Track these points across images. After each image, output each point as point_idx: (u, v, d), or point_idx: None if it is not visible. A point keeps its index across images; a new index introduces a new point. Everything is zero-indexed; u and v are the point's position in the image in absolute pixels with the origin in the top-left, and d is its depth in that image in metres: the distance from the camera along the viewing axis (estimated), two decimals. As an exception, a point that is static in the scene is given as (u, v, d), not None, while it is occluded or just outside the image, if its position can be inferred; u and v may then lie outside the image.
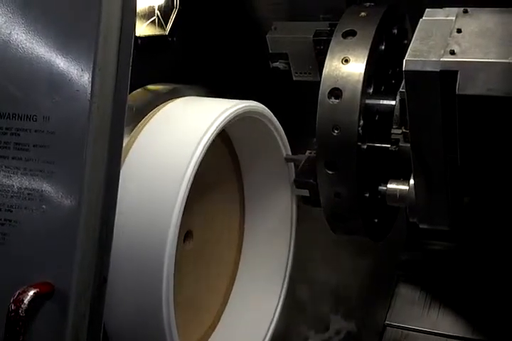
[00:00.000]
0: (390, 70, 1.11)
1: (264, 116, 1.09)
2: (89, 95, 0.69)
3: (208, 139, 0.91)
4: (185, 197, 0.87)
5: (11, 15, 0.72)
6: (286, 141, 1.17)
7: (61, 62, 0.70)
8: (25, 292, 0.65)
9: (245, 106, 1.01)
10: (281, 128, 1.15)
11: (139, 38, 1.02)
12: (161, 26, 1.09)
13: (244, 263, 1.25)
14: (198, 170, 0.89)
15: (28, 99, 0.71)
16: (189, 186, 0.87)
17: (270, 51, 1.23)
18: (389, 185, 1.05)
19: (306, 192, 1.12)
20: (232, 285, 1.24)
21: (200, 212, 1.10)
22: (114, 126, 0.71)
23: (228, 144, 1.19)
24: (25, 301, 0.64)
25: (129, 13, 0.72)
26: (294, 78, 1.25)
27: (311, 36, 1.18)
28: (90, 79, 0.69)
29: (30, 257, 0.69)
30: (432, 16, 0.90)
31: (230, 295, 1.23)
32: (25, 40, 0.72)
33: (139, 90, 1.04)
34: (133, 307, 0.89)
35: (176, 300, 0.89)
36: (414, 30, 0.89)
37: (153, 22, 1.06)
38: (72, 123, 0.69)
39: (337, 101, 1.00)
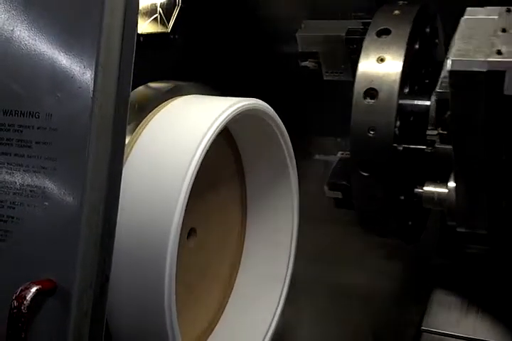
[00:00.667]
0: (423, 70, 1.09)
1: (266, 115, 1.09)
2: (91, 92, 0.69)
3: (210, 137, 0.91)
4: (188, 194, 0.87)
5: (13, 12, 0.72)
6: (289, 139, 1.17)
7: (63, 60, 0.70)
8: (28, 289, 0.65)
9: (248, 104, 1.01)
10: (284, 126, 1.15)
11: (141, 35, 1.02)
12: (163, 24, 1.08)
13: (246, 261, 1.25)
14: (200, 167, 0.89)
15: (30, 96, 0.71)
16: (191, 184, 0.87)
17: (300, 50, 1.21)
18: (426, 188, 1.03)
19: (338, 194, 1.10)
20: (234, 282, 1.24)
21: (202, 209, 1.10)
22: (117, 123, 0.71)
23: (231, 143, 1.19)
24: (28, 298, 0.64)
25: (131, 10, 0.72)
26: (325, 77, 1.23)
27: (344, 34, 1.16)
28: (93, 76, 0.69)
29: (33, 254, 0.69)
30: (474, 15, 0.88)
31: (231, 292, 1.23)
32: (28, 37, 0.72)
33: (140, 88, 1.04)
34: (135, 304, 0.89)
35: (177, 297, 0.89)
36: (444, 29, 0.87)
37: (155, 19, 1.06)
38: (74, 121, 0.69)
39: (372, 101, 0.98)
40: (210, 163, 0.95)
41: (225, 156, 1.19)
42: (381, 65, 0.98)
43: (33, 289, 0.65)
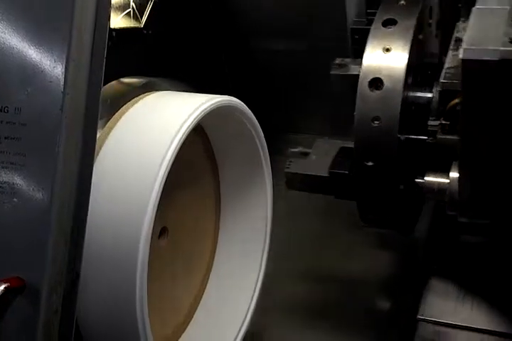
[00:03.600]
0: (425, 60, 1.10)
1: (240, 111, 1.09)
2: (62, 87, 0.67)
3: (183, 134, 0.90)
4: (160, 192, 0.86)
5: (-19, 4, 0.71)
6: (263, 136, 1.17)
7: (34, 53, 0.69)
8: (-5, 286, 0.64)
9: (221, 101, 1.01)
10: (258, 123, 1.14)
11: (114, 30, 1.01)
12: (136, 19, 1.07)
13: (219, 260, 1.24)
14: (172, 165, 0.88)
15: (-1, 90, 0.70)
16: (163, 182, 0.86)
17: None
18: (427, 178, 1.03)
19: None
20: (207, 281, 1.23)
21: (175, 208, 1.09)
22: (88, 118, 0.69)
23: (204, 139, 1.18)
24: (-5, 296, 0.63)
25: (103, 4, 0.71)
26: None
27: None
28: (63, 70, 0.67)
29: (1, 251, 0.68)
30: (485, 5, 0.87)
31: (204, 291, 1.23)
32: (-3, 30, 0.70)
33: (113, 83, 1.03)
34: (106, 303, 0.88)
35: (149, 296, 0.88)
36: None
37: (128, 14, 1.05)
38: (44, 115, 0.68)
39: (378, 91, 0.97)
40: (183, 160, 0.94)
41: (199, 153, 1.18)
42: (387, 55, 0.98)
43: (1, 287, 0.64)
